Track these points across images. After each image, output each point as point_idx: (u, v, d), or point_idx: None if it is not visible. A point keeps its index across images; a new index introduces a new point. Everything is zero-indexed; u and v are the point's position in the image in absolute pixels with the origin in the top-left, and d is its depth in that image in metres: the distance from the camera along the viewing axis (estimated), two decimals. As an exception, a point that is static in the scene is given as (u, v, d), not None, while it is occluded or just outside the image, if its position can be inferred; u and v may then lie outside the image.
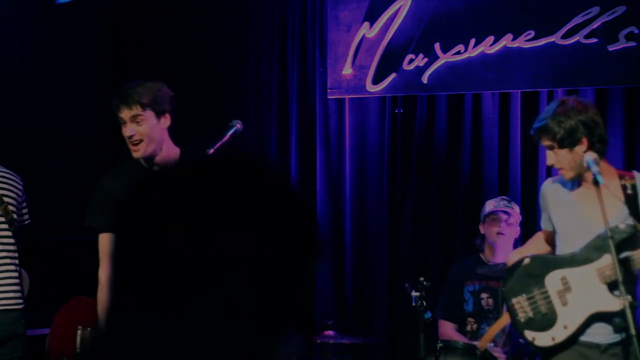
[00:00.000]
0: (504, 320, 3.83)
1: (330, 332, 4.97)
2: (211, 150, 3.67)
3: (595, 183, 3.34)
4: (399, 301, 5.44)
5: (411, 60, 5.75)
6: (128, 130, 3.67)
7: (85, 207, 3.79)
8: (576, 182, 3.62)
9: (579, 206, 3.59)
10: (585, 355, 3.53)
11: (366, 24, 5.84)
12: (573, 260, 3.56)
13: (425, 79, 5.73)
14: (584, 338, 3.53)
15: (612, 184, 3.53)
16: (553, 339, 3.57)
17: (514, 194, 5.50)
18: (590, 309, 3.51)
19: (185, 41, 6.24)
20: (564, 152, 3.51)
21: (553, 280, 3.59)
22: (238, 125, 3.85)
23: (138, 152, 3.71)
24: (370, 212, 5.91)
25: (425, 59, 5.72)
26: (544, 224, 3.80)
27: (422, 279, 4.36)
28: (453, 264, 5.24)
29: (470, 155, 5.73)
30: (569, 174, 3.56)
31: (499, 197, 5.08)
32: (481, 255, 5.03)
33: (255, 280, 1.07)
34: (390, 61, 5.80)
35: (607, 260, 3.45)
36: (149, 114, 3.68)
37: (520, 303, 3.64)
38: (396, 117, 5.90)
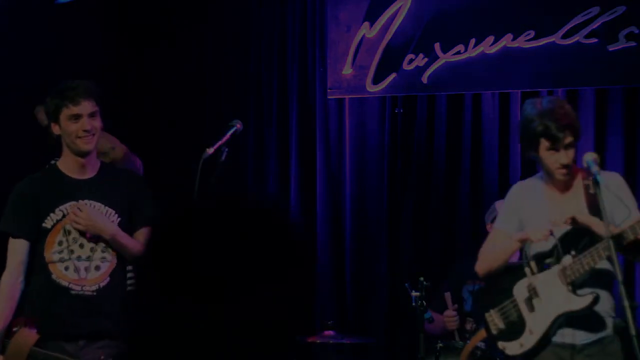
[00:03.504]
0: (481, 335, 3.86)
1: (330, 332, 4.97)
2: (211, 150, 3.67)
3: (596, 183, 3.35)
4: (399, 301, 5.43)
5: (411, 60, 5.75)
6: (87, 124, 3.66)
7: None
8: (541, 182, 3.63)
9: (547, 207, 3.59)
10: (561, 357, 3.54)
11: (366, 24, 5.84)
12: (522, 267, 3.58)
13: (425, 79, 5.73)
14: (558, 339, 3.55)
15: (575, 183, 3.54)
16: (521, 345, 3.62)
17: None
18: (556, 311, 3.53)
19: (186, 41, 6.24)
20: (574, 150, 3.53)
21: (520, 289, 3.63)
22: (238, 125, 3.85)
23: (90, 144, 3.71)
24: (370, 212, 5.90)
25: (425, 59, 5.72)
26: (506, 224, 3.73)
27: (422, 279, 4.36)
28: (455, 262, 5.23)
29: (470, 155, 5.73)
30: (568, 173, 3.57)
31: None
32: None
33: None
34: (390, 61, 5.79)
35: (567, 261, 3.48)
36: (99, 110, 3.71)
37: (492, 316, 3.70)
38: (396, 117, 5.90)
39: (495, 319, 3.69)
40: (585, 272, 3.44)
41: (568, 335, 3.53)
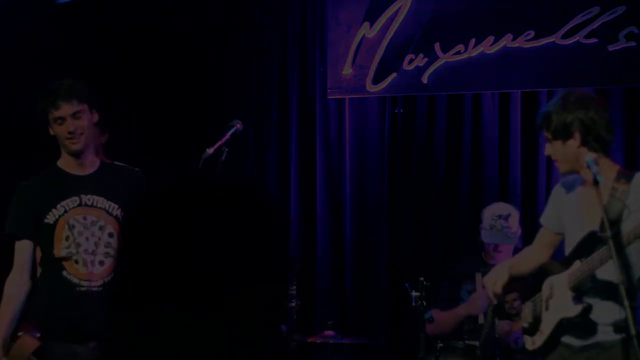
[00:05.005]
0: (519, 324, 3.91)
1: (330, 332, 4.97)
2: (211, 150, 3.67)
3: (595, 183, 3.34)
4: (399, 301, 5.43)
5: (411, 60, 5.75)
6: (71, 125, 3.67)
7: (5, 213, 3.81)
8: (579, 181, 3.62)
9: (579, 207, 3.59)
10: (563, 356, 3.57)
11: (366, 24, 5.84)
12: (560, 266, 3.60)
13: (425, 79, 5.73)
14: (564, 339, 3.58)
15: (605, 184, 3.53)
16: (533, 343, 3.67)
17: (514, 193, 5.51)
18: (559, 315, 3.56)
19: (186, 41, 6.23)
20: (557, 144, 3.52)
21: (546, 286, 3.66)
22: (238, 125, 3.85)
23: (78, 144, 3.71)
24: (370, 212, 5.90)
25: (425, 59, 5.72)
26: (548, 223, 3.77)
27: (422, 279, 4.35)
28: (453, 262, 5.23)
29: (470, 155, 5.73)
30: (563, 167, 3.57)
31: (496, 212, 4.95)
32: (482, 255, 5.02)
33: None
34: (390, 61, 5.80)
35: (576, 266, 3.49)
36: (85, 108, 3.70)
37: (526, 307, 3.74)
38: (396, 117, 5.91)
39: (526, 311, 3.73)
40: (586, 278, 3.45)
41: (571, 336, 3.56)
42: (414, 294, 4.35)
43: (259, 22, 6.19)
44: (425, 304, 4.35)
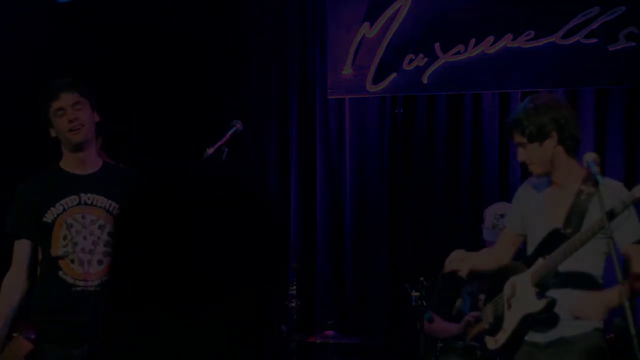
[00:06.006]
0: (482, 325, 3.92)
1: (330, 332, 4.97)
2: (211, 150, 3.67)
3: (595, 183, 3.35)
4: (399, 301, 5.44)
5: (411, 60, 5.76)
6: (71, 115, 3.65)
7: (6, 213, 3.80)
8: (546, 182, 3.64)
9: (545, 208, 3.61)
10: (531, 354, 3.59)
11: (366, 24, 5.85)
12: (522, 266, 3.63)
13: (425, 79, 5.73)
14: (528, 337, 3.60)
15: (573, 185, 3.54)
16: (496, 341, 3.69)
17: (514, 193, 5.50)
18: (522, 312, 3.58)
19: (186, 41, 6.24)
20: (534, 147, 3.54)
21: (508, 286, 3.69)
22: (238, 125, 3.85)
23: (79, 135, 3.68)
24: (370, 212, 5.91)
25: (425, 59, 5.73)
26: (511, 224, 3.80)
27: (422, 279, 4.36)
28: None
29: (470, 155, 5.74)
30: (538, 170, 3.59)
31: (498, 211, 4.97)
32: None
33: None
34: (390, 61, 5.80)
35: (539, 263, 3.52)
36: (86, 102, 3.69)
37: (487, 309, 3.77)
38: (396, 117, 5.91)
39: (488, 313, 3.75)
40: (549, 273, 3.48)
41: (535, 334, 3.58)
42: (414, 294, 4.35)
43: (259, 22, 6.19)
44: (425, 304, 4.35)
